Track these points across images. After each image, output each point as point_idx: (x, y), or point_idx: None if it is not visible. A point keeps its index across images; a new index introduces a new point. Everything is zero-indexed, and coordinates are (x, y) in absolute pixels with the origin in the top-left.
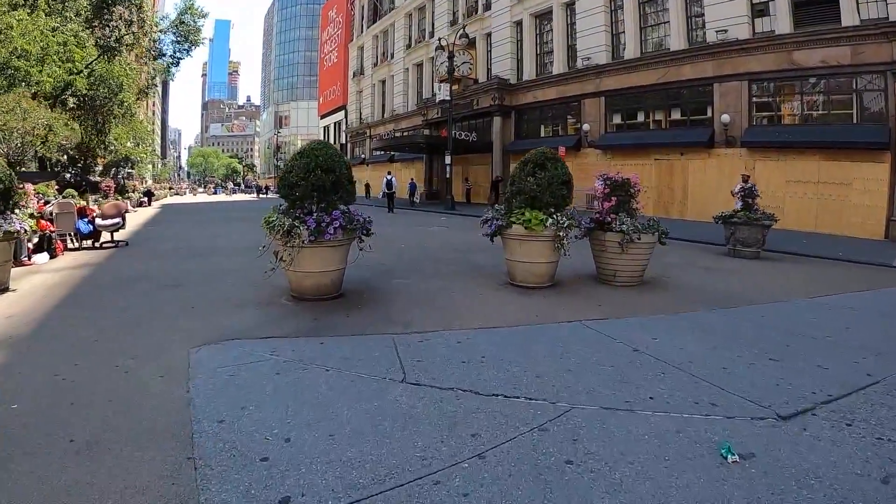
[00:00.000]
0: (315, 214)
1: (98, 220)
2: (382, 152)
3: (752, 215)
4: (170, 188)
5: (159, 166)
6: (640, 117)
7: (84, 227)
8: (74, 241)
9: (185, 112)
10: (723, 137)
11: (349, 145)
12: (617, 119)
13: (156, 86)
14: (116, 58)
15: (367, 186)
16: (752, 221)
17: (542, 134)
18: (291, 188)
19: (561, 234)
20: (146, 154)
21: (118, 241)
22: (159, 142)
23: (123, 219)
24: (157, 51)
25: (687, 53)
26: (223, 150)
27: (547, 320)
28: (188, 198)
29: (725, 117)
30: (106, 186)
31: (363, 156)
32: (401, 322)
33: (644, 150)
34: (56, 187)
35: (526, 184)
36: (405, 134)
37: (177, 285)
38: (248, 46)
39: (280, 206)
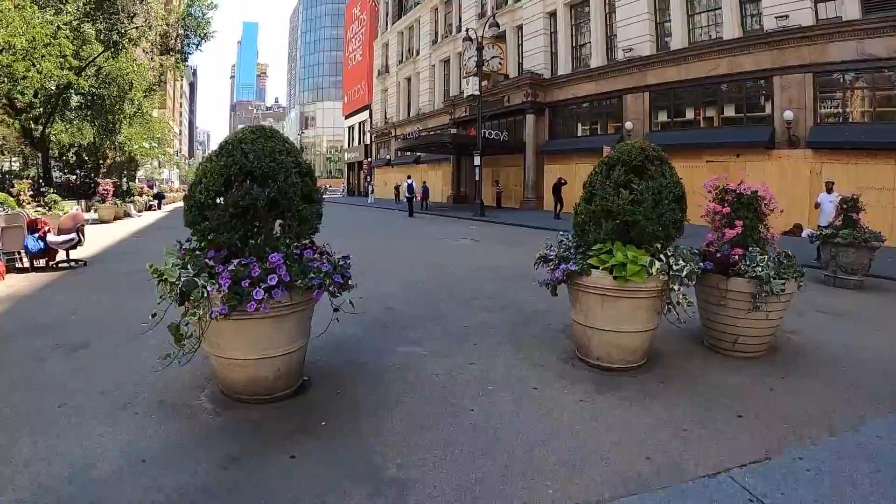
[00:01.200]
0: (233, 264)
1: (50, 237)
2: (408, 153)
3: (858, 234)
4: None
5: (186, 167)
6: (689, 114)
7: (33, 244)
8: (24, 260)
9: (214, 114)
10: (785, 137)
11: (374, 146)
12: (663, 116)
13: (164, 82)
14: (122, 53)
15: (397, 189)
16: (859, 242)
17: (580, 133)
18: (200, 211)
19: (674, 286)
20: (163, 154)
21: (74, 261)
22: (187, 143)
23: (80, 233)
24: (165, 45)
25: (742, 43)
26: None
27: (673, 475)
28: None
29: (788, 114)
30: (104, 190)
31: (388, 157)
32: (396, 483)
33: (695, 150)
34: (30, 192)
35: (615, 200)
36: (431, 133)
37: (82, 346)
38: (277, 49)
39: (185, 241)
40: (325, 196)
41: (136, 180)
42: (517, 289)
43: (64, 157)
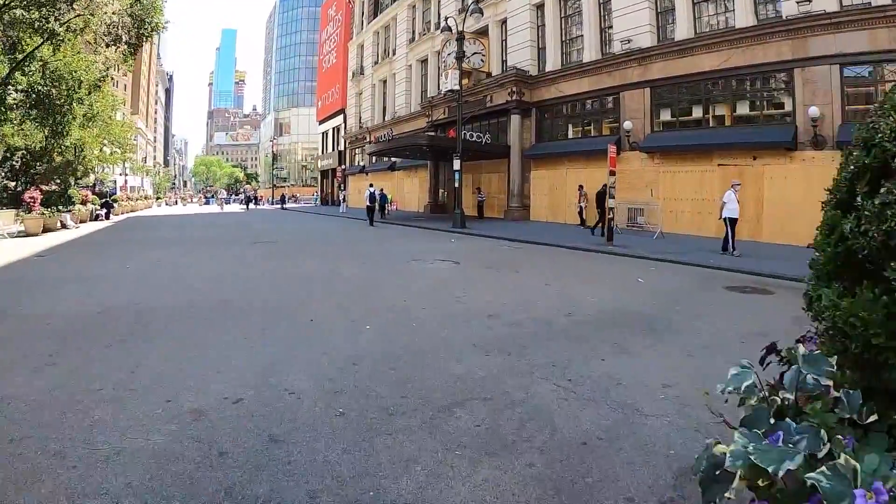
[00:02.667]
0: None
1: None
2: (384, 160)
3: None
4: (158, 198)
5: (161, 174)
6: (697, 112)
7: None
8: None
9: (192, 122)
10: (809, 137)
11: (348, 152)
12: (665, 115)
13: (109, 78)
14: (64, 45)
15: (384, 197)
16: None
17: (570, 135)
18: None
19: None
20: (125, 160)
21: None
22: (162, 150)
23: None
24: (111, 36)
25: (757, 31)
26: (227, 160)
27: None
28: (173, 209)
29: (813, 111)
30: (29, 197)
31: (362, 164)
32: None
33: (704, 152)
34: None
35: None
36: (406, 136)
37: None
38: (257, 57)
39: None
40: (293, 205)
41: (91, 186)
42: (538, 379)
43: (8, 162)
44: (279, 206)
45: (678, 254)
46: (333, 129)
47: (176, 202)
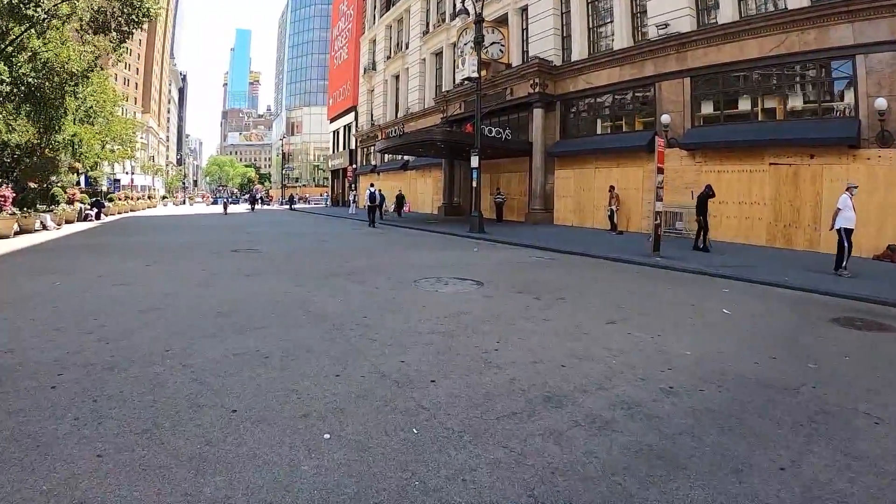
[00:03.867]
0: None
1: None
2: (397, 158)
3: None
4: (164, 197)
5: (171, 173)
6: (744, 105)
7: None
8: None
9: (207, 122)
10: (875, 133)
11: (359, 151)
12: (707, 108)
13: (100, 68)
14: (50, 33)
15: (401, 198)
16: None
17: (599, 130)
18: None
19: None
20: (128, 157)
21: None
22: (175, 149)
23: None
24: (98, 22)
25: (811, 12)
26: (240, 160)
27: None
28: (177, 209)
29: (881, 102)
30: (1, 197)
31: (374, 163)
32: None
33: (754, 150)
34: None
35: None
36: (419, 131)
37: None
38: (272, 58)
39: None
40: (303, 205)
41: (77, 184)
42: None
43: None
44: (288, 206)
45: (739, 268)
46: (344, 127)
47: (184, 201)
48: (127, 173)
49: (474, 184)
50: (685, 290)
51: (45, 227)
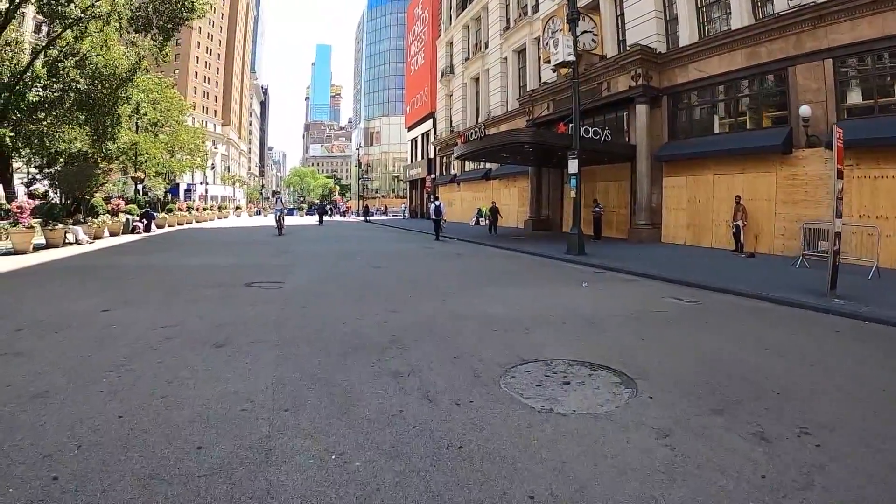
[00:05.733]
0: None
1: None
2: (479, 167)
3: None
4: (237, 207)
5: (251, 183)
6: None
7: None
8: None
9: (290, 135)
10: None
11: (438, 160)
12: (857, 97)
13: (145, 69)
14: (93, 33)
15: (495, 211)
16: None
17: (717, 129)
18: None
19: None
20: (195, 166)
21: None
22: (257, 160)
23: None
24: (141, 21)
25: None
26: (321, 171)
27: None
28: (240, 220)
29: None
30: (17, 208)
31: (454, 172)
32: None
33: None
34: None
35: None
36: (502, 134)
37: None
38: (351, 71)
39: None
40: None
41: (121, 195)
42: None
43: (52, 168)
44: (363, 218)
45: None
46: (423, 135)
47: (258, 212)
48: (201, 183)
49: (572, 193)
50: None
51: (77, 242)
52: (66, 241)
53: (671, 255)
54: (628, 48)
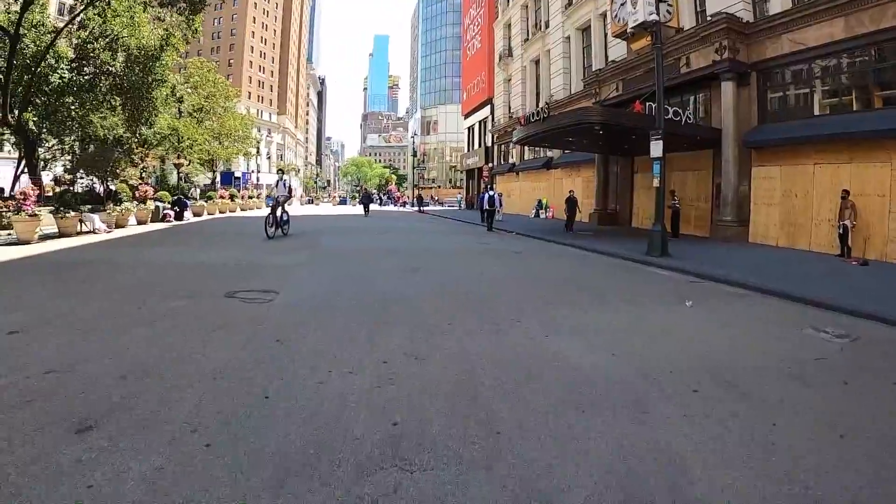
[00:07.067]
0: None
1: None
2: (540, 155)
3: None
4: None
5: (303, 174)
6: None
7: None
8: None
9: (348, 125)
10: None
11: (495, 148)
12: None
13: (173, 46)
14: (112, 11)
15: (573, 203)
16: None
17: (816, 110)
18: None
19: None
20: (242, 154)
21: None
22: (314, 150)
23: None
24: None
25: None
26: (379, 161)
27: None
28: (301, 209)
29: None
30: (20, 194)
31: (512, 161)
32: None
33: None
34: None
35: None
36: (567, 113)
37: None
38: (408, 61)
39: None
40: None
41: (142, 179)
42: None
43: (85, 153)
44: (417, 208)
45: None
46: (480, 122)
47: (310, 201)
48: (254, 172)
49: (656, 182)
50: None
51: (93, 230)
52: (82, 229)
53: (768, 259)
54: (710, 17)
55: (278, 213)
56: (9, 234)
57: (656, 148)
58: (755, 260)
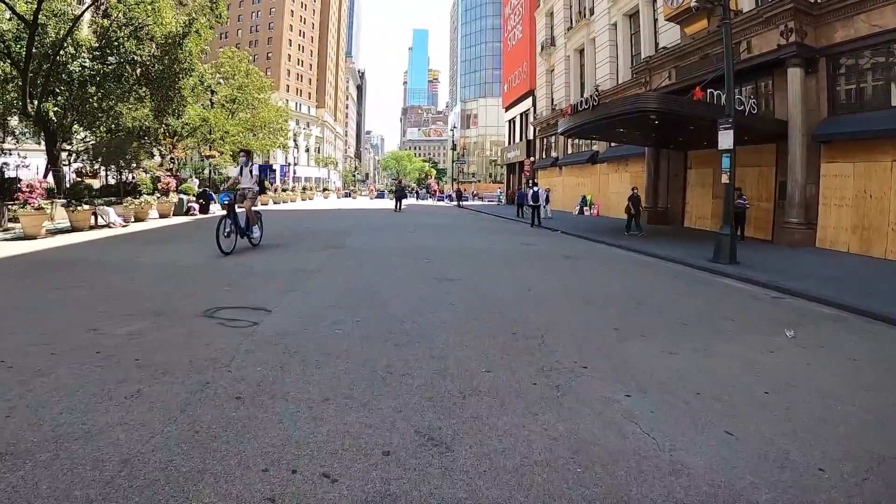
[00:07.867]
0: None
1: None
2: (584, 148)
3: None
4: (324, 189)
5: (342, 167)
6: None
7: None
8: None
9: (388, 119)
10: None
11: (538, 142)
12: None
13: (197, 33)
14: (140, 3)
15: (637, 201)
16: None
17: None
18: None
19: None
20: (275, 145)
21: None
22: (354, 143)
23: None
24: None
25: None
26: (418, 154)
27: None
28: (336, 202)
29: None
30: (27, 187)
31: (555, 155)
32: None
33: None
34: None
35: None
36: (617, 101)
37: None
38: (447, 55)
39: None
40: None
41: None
42: None
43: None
44: (456, 203)
45: None
46: (521, 115)
47: (347, 194)
48: (292, 164)
49: (725, 178)
50: None
51: (108, 224)
52: (96, 223)
53: (847, 269)
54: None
55: (241, 213)
56: (20, 229)
57: (726, 139)
58: (832, 270)
